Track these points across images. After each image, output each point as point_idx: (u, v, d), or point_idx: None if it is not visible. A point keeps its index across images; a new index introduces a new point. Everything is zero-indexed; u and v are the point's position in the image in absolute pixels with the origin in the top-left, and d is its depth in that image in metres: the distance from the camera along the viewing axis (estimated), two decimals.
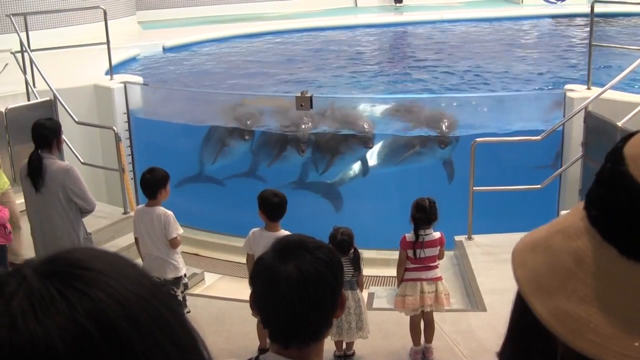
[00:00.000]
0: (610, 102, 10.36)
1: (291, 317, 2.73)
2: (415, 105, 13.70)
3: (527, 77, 18.13)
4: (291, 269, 2.67)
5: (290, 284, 2.68)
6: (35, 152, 7.92)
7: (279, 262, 2.72)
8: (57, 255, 1.19)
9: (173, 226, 7.93)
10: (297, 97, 11.28)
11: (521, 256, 1.36)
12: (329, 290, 2.75)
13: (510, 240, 6.54)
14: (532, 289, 1.32)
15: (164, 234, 7.91)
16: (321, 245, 2.81)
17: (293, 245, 2.78)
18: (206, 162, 13.90)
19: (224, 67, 19.95)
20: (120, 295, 1.12)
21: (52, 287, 1.10)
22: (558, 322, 1.28)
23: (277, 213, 7.57)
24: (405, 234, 7.85)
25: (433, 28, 26.01)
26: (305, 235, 2.95)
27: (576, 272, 1.27)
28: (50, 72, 12.58)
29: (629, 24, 24.89)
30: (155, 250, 7.96)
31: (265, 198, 7.54)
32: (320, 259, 2.72)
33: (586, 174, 9.95)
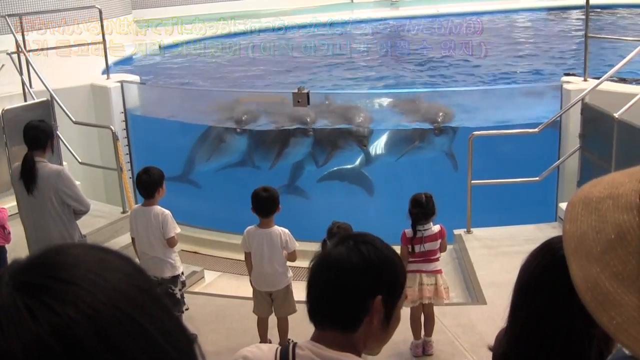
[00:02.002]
0: (607, 93, 10.36)
1: (325, 302, 2.73)
2: (412, 99, 13.70)
3: (524, 69, 18.15)
4: (338, 253, 2.68)
5: (332, 266, 2.69)
6: (28, 155, 7.89)
7: (334, 246, 2.74)
8: (39, 259, 1.17)
9: (171, 225, 7.93)
10: (294, 94, 11.28)
11: (574, 210, 1.37)
12: (366, 287, 2.70)
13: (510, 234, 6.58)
14: (574, 249, 1.34)
15: (161, 233, 7.90)
16: (384, 245, 2.80)
17: (357, 236, 2.79)
18: (202, 160, 13.89)
19: (220, 64, 19.95)
20: (91, 310, 1.10)
21: (21, 302, 1.08)
22: (587, 289, 1.30)
23: (267, 208, 7.57)
24: (405, 229, 7.86)
25: (429, 22, 26.00)
26: (373, 235, 2.94)
27: (616, 247, 1.28)
28: (47, 72, 12.58)
29: (627, 15, 24.90)
30: (152, 250, 7.95)
31: (255, 194, 7.56)
32: (379, 250, 2.72)
33: (584, 166, 9.96)
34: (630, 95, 9.68)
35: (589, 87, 10.32)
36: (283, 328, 7.77)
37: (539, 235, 9.55)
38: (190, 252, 11.63)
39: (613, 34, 18.55)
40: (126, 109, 13.12)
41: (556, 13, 27.37)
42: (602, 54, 16.34)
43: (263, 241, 7.61)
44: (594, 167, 9.55)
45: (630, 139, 8.71)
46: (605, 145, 9.11)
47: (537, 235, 9.59)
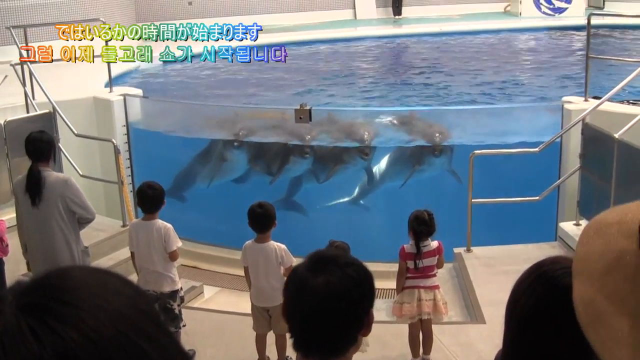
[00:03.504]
0: (607, 113, 10.39)
1: (314, 329, 2.78)
2: (412, 117, 13.72)
3: (525, 88, 18.19)
4: (319, 282, 2.72)
5: (316, 295, 2.72)
6: (34, 167, 7.88)
7: (309, 273, 2.77)
8: (43, 281, 1.18)
9: (173, 239, 7.94)
10: (296, 110, 11.32)
11: (587, 235, 1.42)
12: (354, 307, 2.78)
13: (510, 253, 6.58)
14: (580, 269, 1.39)
15: (163, 247, 7.91)
16: (353, 262, 2.85)
17: (326, 259, 2.83)
18: (204, 180, 13.89)
19: (223, 79, 19.96)
20: (95, 333, 1.11)
21: (25, 324, 1.09)
22: (582, 307, 1.34)
23: (262, 224, 7.59)
24: (404, 244, 7.89)
25: (432, 40, 26.06)
26: (341, 250, 3.01)
27: (613, 271, 1.31)
28: (49, 84, 12.59)
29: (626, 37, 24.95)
30: (152, 264, 7.95)
31: (251, 210, 7.58)
32: (350, 276, 2.76)
33: (584, 186, 9.96)
34: (631, 115, 9.71)
35: (589, 108, 10.35)
36: (281, 345, 7.77)
37: (538, 255, 9.50)
38: (190, 267, 11.63)
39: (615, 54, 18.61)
40: (128, 122, 13.14)
41: (558, 33, 27.44)
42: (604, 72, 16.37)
43: (259, 256, 7.63)
44: (594, 187, 9.56)
45: (630, 160, 8.73)
46: (605, 165, 9.13)
47: (537, 254, 9.55)
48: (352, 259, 2.90)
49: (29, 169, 7.90)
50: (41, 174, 7.80)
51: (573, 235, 9.66)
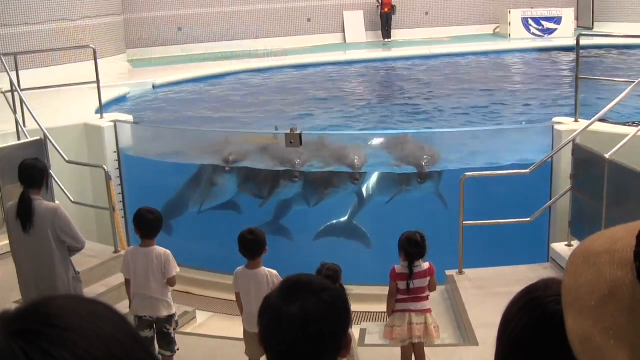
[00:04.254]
0: (597, 134, 10.42)
1: (293, 356, 2.76)
2: (402, 140, 13.73)
3: (516, 110, 18.25)
4: (294, 309, 2.70)
5: (292, 323, 2.70)
6: (25, 193, 7.87)
7: (283, 301, 2.74)
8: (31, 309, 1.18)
9: (173, 265, 7.92)
10: (286, 135, 11.33)
11: (574, 263, 1.39)
12: (331, 332, 2.77)
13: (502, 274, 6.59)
14: (571, 302, 1.36)
15: (162, 273, 7.89)
16: (327, 287, 2.84)
17: (299, 285, 2.80)
18: (194, 205, 13.86)
19: (213, 104, 20.00)
20: (88, 355, 1.11)
21: (18, 347, 1.09)
22: (580, 343, 1.32)
23: (253, 251, 7.57)
24: (395, 265, 7.88)
25: (422, 63, 26.16)
26: (313, 275, 2.99)
27: (608, 302, 1.30)
28: (40, 111, 12.61)
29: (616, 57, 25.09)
30: (149, 290, 7.92)
31: (241, 236, 7.57)
32: (324, 301, 2.74)
33: (575, 206, 9.97)
34: (621, 135, 9.74)
35: (580, 128, 10.38)
36: None
37: (531, 276, 9.52)
38: (182, 292, 11.60)
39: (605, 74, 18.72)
40: (119, 148, 13.14)
41: (547, 54, 27.58)
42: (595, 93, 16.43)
43: (250, 282, 7.61)
44: (585, 208, 9.57)
45: (620, 180, 8.74)
46: (596, 186, 9.14)
47: (529, 276, 9.59)
48: (326, 283, 2.89)
49: (20, 196, 7.88)
50: (32, 201, 7.78)
51: (565, 256, 9.65)
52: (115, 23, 25.51)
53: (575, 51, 12.08)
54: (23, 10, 21.15)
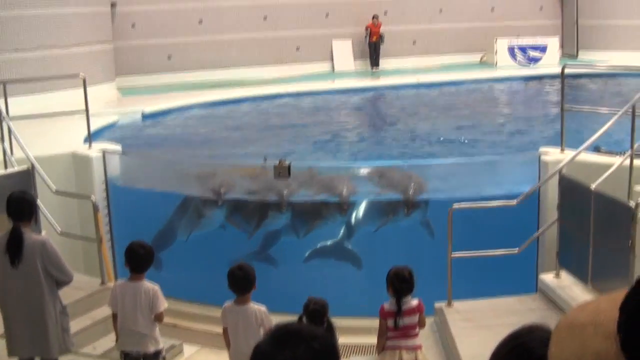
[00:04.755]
0: (583, 164, 10.46)
1: None
2: (390, 171, 13.73)
3: (502, 139, 18.30)
4: (284, 357, 2.68)
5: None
6: (17, 226, 7.82)
7: (274, 350, 2.72)
8: None
9: (161, 300, 7.90)
10: (275, 166, 11.35)
11: (561, 333, 1.41)
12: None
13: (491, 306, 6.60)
14: None
15: (150, 308, 7.86)
16: (317, 335, 2.82)
17: (289, 334, 2.79)
18: (182, 236, 13.80)
19: (202, 133, 20.02)
20: None
21: None
22: None
23: (242, 287, 7.56)
24: (384, 303, 7.88)
25: (409, 91, 26.25)
26: (303, 323, 2.98)
27: None
28: (28, 139, 12.56)
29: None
30: (137, 325, 7.89)
31: (230, 272, 7.56)
32: (314, 349, 2.73)
33: (563, 237, 9.98)
34: (607, 166, 9.77)
35: (566, 159, 10.41)
36: None
37: (520, 308, 9.58)
38: (169, 324, 11.54)
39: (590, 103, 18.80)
40: (107, 178, 13.08)
41: (533, 82, 27.75)
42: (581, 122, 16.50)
43: (238, 319, 7.60)
44: (572, 239, 9.59)
45: (607, 211, 8.77)
46: (582, 216, 9.16)
47: (518, 307, 9.62)
48: (316, 331, 2.88)
49: (11, 230, 7.83)
50: (23, 235, 7.74)
51: (553, 287, 9.67)
52: (105, 51, 25.53)
53: (560, 80, 12.13)
54: (12, 37, 21.15)
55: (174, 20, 29.37)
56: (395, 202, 12.89)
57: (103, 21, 25.58)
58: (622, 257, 8.22)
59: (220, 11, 30.07)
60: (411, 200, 12.57)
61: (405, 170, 13.91)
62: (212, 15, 29.95)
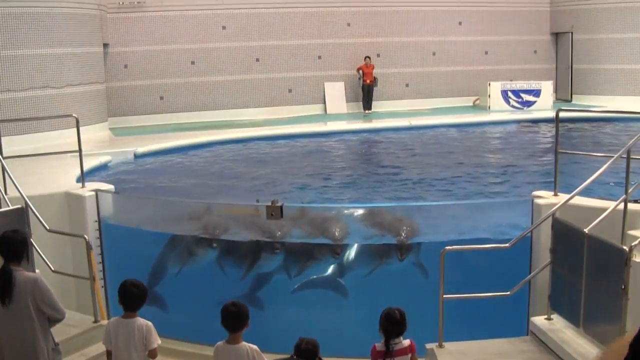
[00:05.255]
0: (577, 207, 10.49)
1: None
2: (382, 213, 13.75)
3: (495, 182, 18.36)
4: None
5: None
6: (6, 266, 7.83)
7: None
8: None
9: (154, 337, 7.94)
10: (267, 207, 11.37)
11: None
12: None
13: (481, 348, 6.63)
14: None
15: (143, 345, 7.88)
16: None
17: None
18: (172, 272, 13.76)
19: (195, 173, 20.05)
20: None
21: None
22: None
23: (236, 324, 7.58)
24: (375, 344, 7.89)
25: (402, 134, 26.35)
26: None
27: None
28: (22, 179, 12.58)
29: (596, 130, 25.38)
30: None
31: (224, 308, 7.59)
32: None
33: (555, 280, 9.99)
34: (601, 209, 9.81)
35: (559, 202, 10.44)
36: None
37: (511, 350, 9.58)
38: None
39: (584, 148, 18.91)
40: (100, 217, 13.11)
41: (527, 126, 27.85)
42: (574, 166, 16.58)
43: (231, 358, 7.60)
44: (565, 282, 9.60)
45: (600, 254, 8.78)
46: (575, 260, 9.17)
47: (508, 349, 9.61)
48: None
49: (0, 269, 7.84)
50: (12, 274, 7.74)
51: (545, 329, 9.68)
52: (97, 91, 25.64)
53: (554, 124, 12.19)
54: (6, 77, 21.25)
55: (167, 61, 29.56)
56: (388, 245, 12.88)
57: (96, 62, 25.71)
58: (614, 301, 8.23)
59: (213, 52, 30.27)
60: (404, 244, 12.58)
61: (397, 211, 13.92)
62: (204, 56, 30.15)
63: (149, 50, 29.40)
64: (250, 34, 30.72)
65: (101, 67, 26.46)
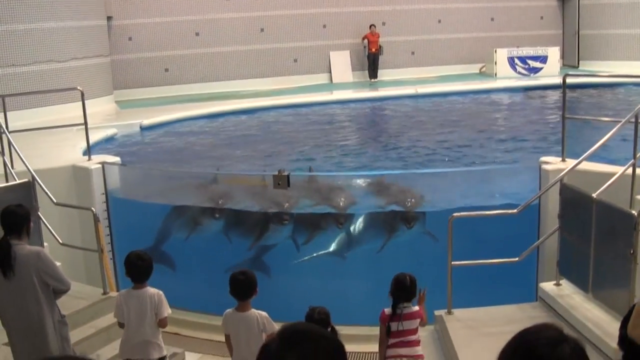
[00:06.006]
0: (585, 173, 10.44)
1: None
2: (387, 182, 13.71)
3: (503, 149, 18.30)
4: (294, 359, 2.66)
5: None
6: (4, 240, 7.83)
7: (282, 350, 2.71)
8: None
9: (165, 306, 7.98)
10: (274, 176, 11.34)
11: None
12: None
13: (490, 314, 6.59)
14: None
15: (154, 314, 7.90)
16: (325, 336, 2.80)
17: (298, 335, 2.77)
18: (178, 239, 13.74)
19: (201, 145, 20.02)
20: None
21: None
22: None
23: (244, 292, 7.59)
24: (385, 308, 7.90)
25: (408, 102, 26.25)
26: (311, 324, 2.95)
27: None
28: (28, 152, 12.57)
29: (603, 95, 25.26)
30: (142, 332, 7.93)
31: (232, 277, 7.59)
32: (324, 350, 2.71)
33: (563, 246, 9.97)
34: (608, 174, 9.76)
35: (567, 168, 10.39)
36: None
37: (520, 316, 9.56)
38: (171, 333, 11.54)
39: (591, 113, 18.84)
40: (107, 190, 13.11)
41: (533, 92, 27.72)
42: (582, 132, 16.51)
43: (240, 325, 7.62)
44: (573, 248, 9.57)
45: (608, 220, 8.74)
46: (584, 225, 9.14)
47: (518, 315, 9.60)
48: (324, 332, 2.86)
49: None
50: (11, 247, 7.72)
51: (553, 295, 9.66)
52: (102, 64, 25.59)
53: (561, 90, 12.12)
54: (11, 52, 21.20)
55: (171, 33, 29.45)
56: (395, 214, 12.85)
57: (100, 35, 25.65)
58: (623, 266, 8.21)
59: (217, 23, 30.14)
60: (411, 210, 12.56)
61: (403, 179, 13.89)
62: (209, 27, 30.02)
63: (153, 23, 29.29)
64: (254, 4, 30.59)
65: (105, 40, 26.40)
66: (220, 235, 13.51)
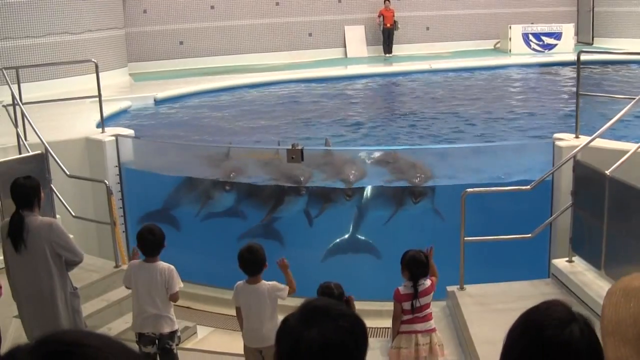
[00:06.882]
0: (598, 150, 10.40)
1: None
2: (397, 156, 13.67)
3: (516, 125, 18.25)
4: (313, 335, 2.66)
5: (311, 349, 2.66)
6: (16, 212, 7.82)
7: (302, 326, 2.70)
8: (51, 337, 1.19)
9: (176, 280, 7.97)
10: (288, 150, 11.34)
11: (613, 297, 1.49)
12: (349, 358, 2.74)
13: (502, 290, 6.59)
14: (611, 331, 1.45)
15: (165, 288, 7.91)
16: (345, 313, 2.80)
17: (318, 311, 2.77)
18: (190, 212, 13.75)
19: (215, 118, 20.02)
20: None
21: None
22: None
23: (252, 268, 7.61)
24: (398, 287, 7.90)
25: (422, 78, 26.18)
26: (332, 300, 2.95)
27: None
28: (42, 124, 12.59)
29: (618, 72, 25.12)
30: (153, 306, 7.94)
31: (240, 255, 7.61)
32: (343, 327, 2.71)
33: (576, 223, 9.95)
34: (622, 152, 9.72)
35: (580, 145, 10.36)
36: None
37: (532, 292, 9.56)
38: (183, 307, 11.57)
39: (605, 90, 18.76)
40: (120, 162, 13.12)
41: (548, 69, 27.61)
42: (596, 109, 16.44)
43: (251, 297, 7.65)
44: (586, 225, 9.56)
45: (621, 197, 8.73)
46: (597, 202, 9.12)
47: (530, 292, 9.59)
48: (344, 309, 2.86)
49: (11, 216, 7.85)
50: (24, 220, 7.71)
51: (566, 272, 9.65)
52: (117, 37, 25.56)
53: (575, 67, 12.06)
54: (25, 24, 21.19)
55: (186, 6, 29.39)
56: (403, 189, 12.83)
57: (114, 7, 25.61)
58: (636, 243, 8.20)
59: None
60: (419, 185, 12.53)
61: (415, 154, 13.86)
62: (224, 1, 29.92)
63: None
64: None
65: (120, 12, 26.36)
66: (232, 209, 13.54)
